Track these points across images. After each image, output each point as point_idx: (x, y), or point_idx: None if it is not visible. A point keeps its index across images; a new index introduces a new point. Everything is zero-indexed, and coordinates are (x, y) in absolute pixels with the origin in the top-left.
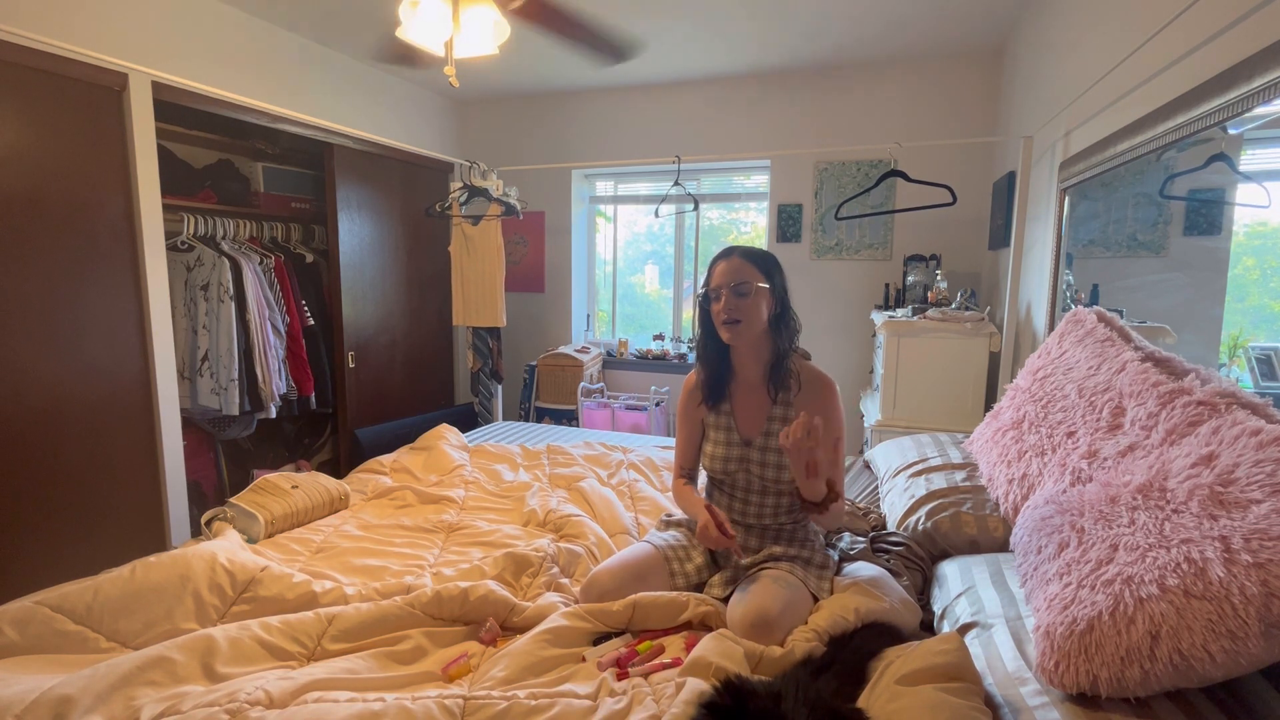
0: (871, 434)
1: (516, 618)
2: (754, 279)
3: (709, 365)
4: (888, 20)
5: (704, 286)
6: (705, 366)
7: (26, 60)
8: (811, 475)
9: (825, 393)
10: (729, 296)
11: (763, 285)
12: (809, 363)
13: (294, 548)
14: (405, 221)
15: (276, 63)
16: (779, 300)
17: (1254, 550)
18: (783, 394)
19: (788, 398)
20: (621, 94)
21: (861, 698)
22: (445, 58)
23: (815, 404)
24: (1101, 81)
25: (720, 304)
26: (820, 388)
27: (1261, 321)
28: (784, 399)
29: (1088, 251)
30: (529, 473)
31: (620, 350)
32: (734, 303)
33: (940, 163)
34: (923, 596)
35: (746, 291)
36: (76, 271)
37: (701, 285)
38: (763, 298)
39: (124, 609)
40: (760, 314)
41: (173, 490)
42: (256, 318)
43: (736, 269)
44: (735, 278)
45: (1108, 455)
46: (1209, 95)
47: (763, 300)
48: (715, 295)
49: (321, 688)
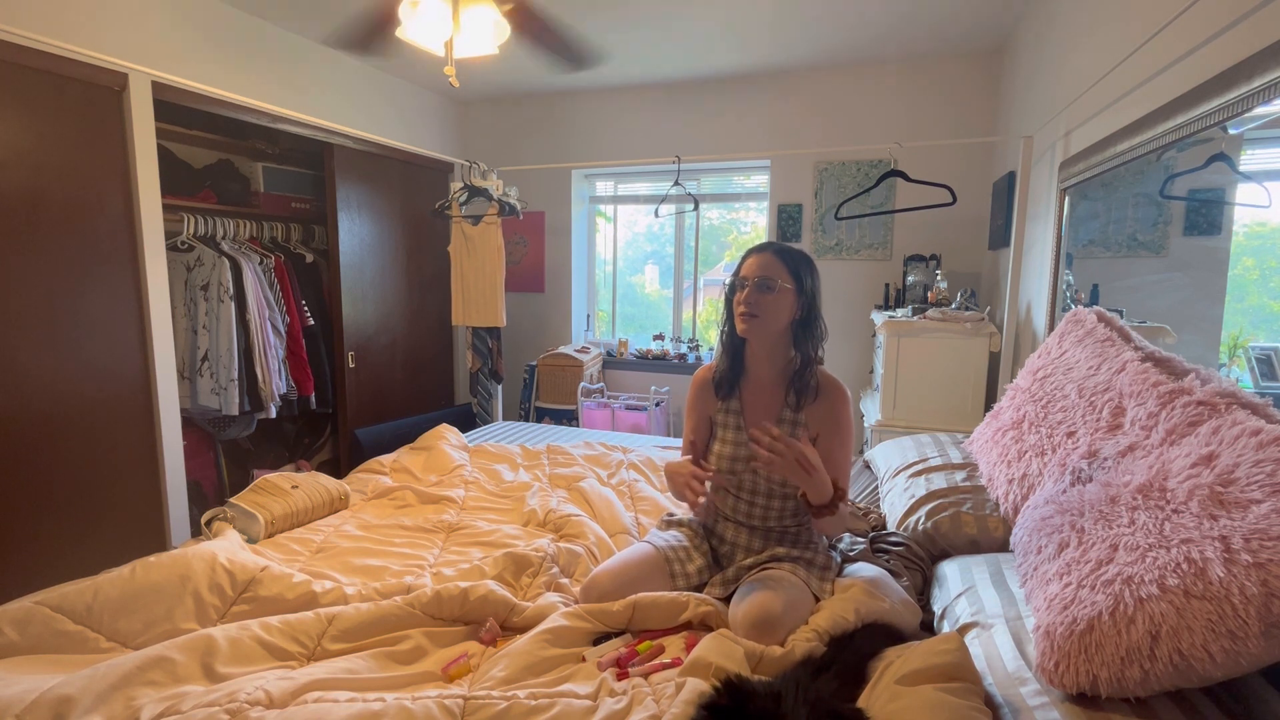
0: (871, 434)
1: (516, 618)
2: (780, 277)
3: (730, 354)
4: (888, 20)
5: (733, 276)
6: (728, 355)
7: (26, 60)
8: (810, 472)
9: (839, 401)
10: (752, 289)
11: (787, 286)
12: (823, 369)
13: (294, 548)
14: (405, 221)
15: (277, 63)
16: (806, 305)
17: (1254, 550)
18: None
19: (801, 404)
20: (621, 94)
21: (861, 698)
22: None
23: (828, 412)
24: (1101, 81)
25: (743, 294)
26: (835, 396)
27: (1261, 321)
28: (797, 405)
29: (1088, 251)
30: (529, 473)
31: (620, 350)
32: (755, 297)
33: (940, 163)
34: (923, 596)
35: (771, 288)
36: (76, 271)
37: (731, 274)
38: (786, 298)
39: (124, 609)
40: (779, 314)
41: (173, 490)
42: (256, 318)
43: (766, 264)
44: (762, 272)
45: (1108, 455)
46: (1209, 95)
47: (786, 300)
48: (740, 285)
49: (321, 688)
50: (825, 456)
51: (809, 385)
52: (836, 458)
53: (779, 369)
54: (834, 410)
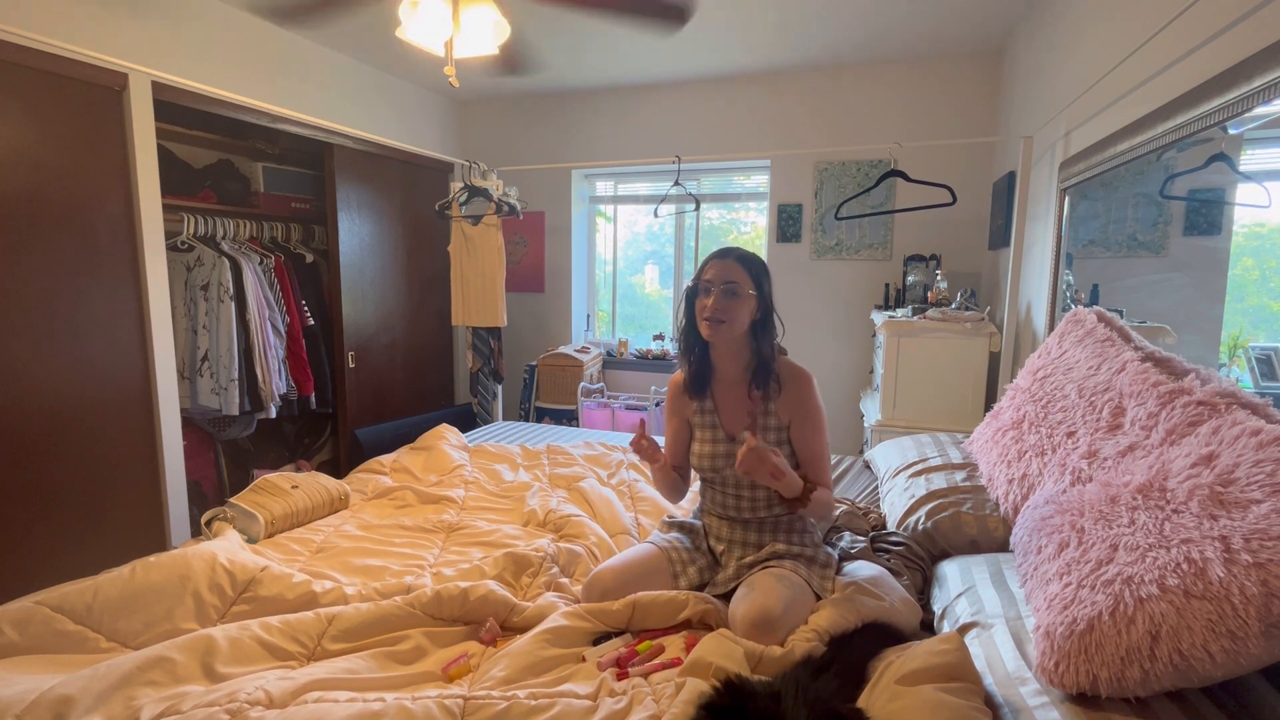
0: (871, 434)
1: (516, 618)
2: (745, 283)
3: (691, 357)
4: (888, 20)
5: (695, 280)
6: (687, 359)
7: (26, 60)
8: (778, 478)
9: (803, 386)
10: (719, 296)
11: (750, 291)
12: (785, 358)
13: (294, 548)
14: (405, 221)
15: (277, 63)
16: (763, 307)
17: (1254, 550)
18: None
19: (769, 395)
20: (621, 94)
21: (861, 698)
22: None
23: (795, 399)
24: (1101, 81)
25: (710, 299)
26: (799, 383)
27: (1261, 321)
28: (765, 397)
29: (1088, 251)
30: (529, 473)
31: (620, 350)
32: (723, 303)
33: (940, 163)
34: (923, 596)
35: (736, 293)
36: (76, 271)
37: (692, 279)
38: (748, 303)
39: (124, 609)
40: (743, 318)
41: (173, 490)
42: (256, 318)
43: (730, 270)
44: (728, 277)
45: (1108, 455)
46: (1209, 95)
47: (747, 305)
48: (706, 290)
49: (321, 688)
50: (800, 442)
51: (772, 377)
52: (810, 441)
53: (744, 365)
54: (801, 396)
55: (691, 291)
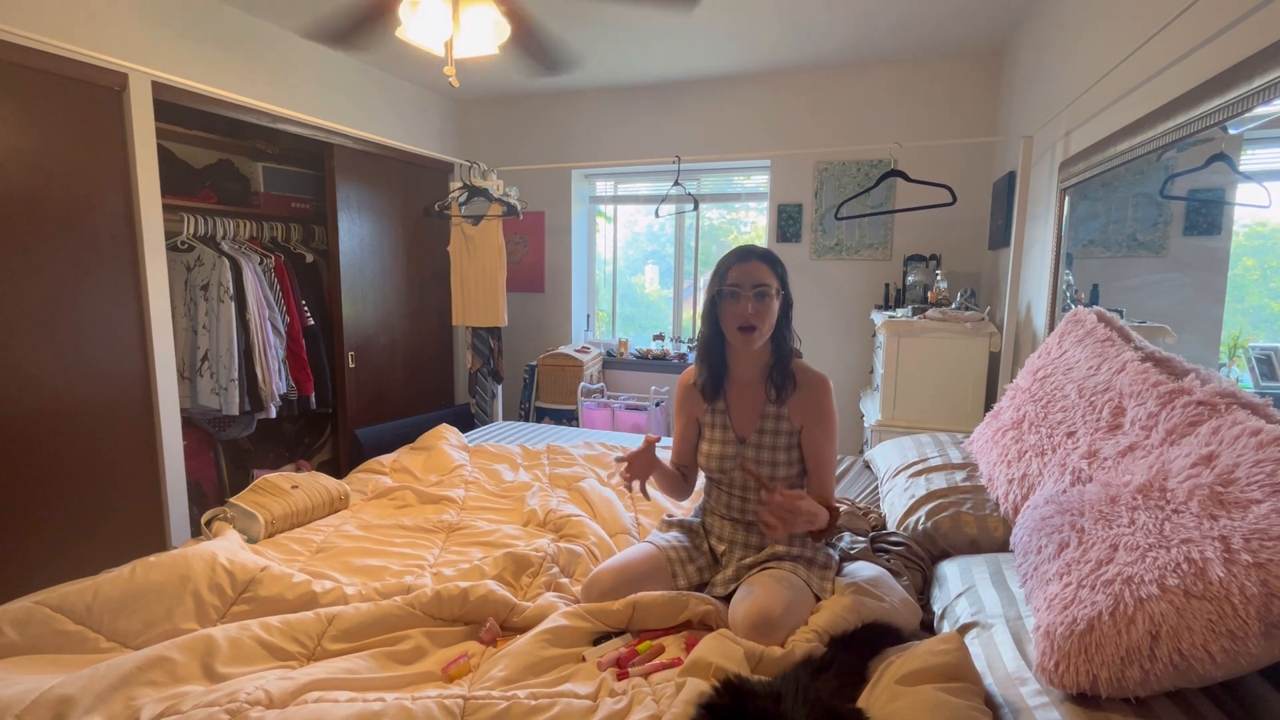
0: (871, 434)
1: (516, 618)
2: (773, 284)
3: (710, 363)
4: (888, 20)
5: (718, 285)
6: (706, 364)
7: (26, 60)
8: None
9: (820, 391)
10: (753, 300)
11: (779, 291)
12: (802, 361)
13: (294, 548)
14: (405, 221)
15: (277, 63)
16: (785, 306)
17: (1254, 550)
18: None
19: (784, 398)
20: (622, 94)
21: (861, 698)
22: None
23: (810, 403)
24: (1101, 81)
25: (740, 304)
26: (816, 388)
27: (1261, 321)
28: (780, 398)
29: (1088, 251)
30: (529, 473)
31: (620, 350)
32: (757, 307)
33: (940, 163)
34: (923, 596)
35: (768, 295)
36: (76, 271)
37: (715, 283)
38: (777, 303)
39: (124, 609)
40: (773, 319)
41: (173, 490)
42: (256, 318)
43: (760, 272)
44: (759, 280)
45: (1108, 455)
46: (1209, 95)
47: (776, 305)
48: (734, 295)
49: (321, 688)
50: (811, 447)
51: (788, 377)
52: (821, 446)
53: (761, 366)
54: (816, 399)
55: (716, 297)
